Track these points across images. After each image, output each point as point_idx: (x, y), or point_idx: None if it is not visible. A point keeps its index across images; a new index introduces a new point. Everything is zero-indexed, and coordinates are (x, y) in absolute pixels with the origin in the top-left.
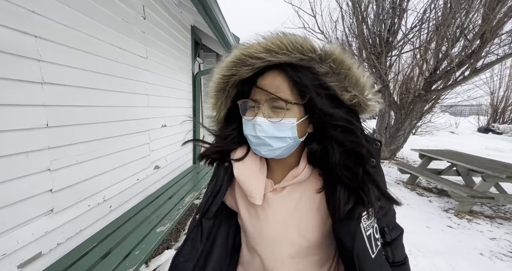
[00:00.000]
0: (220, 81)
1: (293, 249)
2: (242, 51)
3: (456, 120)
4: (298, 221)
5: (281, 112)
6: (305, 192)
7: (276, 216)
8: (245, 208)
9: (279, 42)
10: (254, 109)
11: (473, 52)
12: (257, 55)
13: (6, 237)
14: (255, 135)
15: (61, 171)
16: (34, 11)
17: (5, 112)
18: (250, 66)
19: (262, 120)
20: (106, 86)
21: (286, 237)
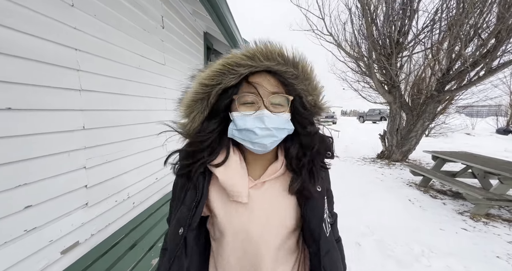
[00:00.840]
0: (201, 91)
1: (277, 239)
2: (225, 61)
3: (473, 121)
4: (279, 212)
5: (279, 107)
6: (281, 185)
7: (260, 211)
8: (223, 210)
9: (261, 50)
10: (251, 106)
11: (488, 52)
12: (242, 62)
13: (53, 226)
14: (264, 127)
15: (94, 169)
16: (76, 27)
17: (50, 116)
18: (235, 74)
19: (269, 113)
20: (131, 92)
21: (271, 229)
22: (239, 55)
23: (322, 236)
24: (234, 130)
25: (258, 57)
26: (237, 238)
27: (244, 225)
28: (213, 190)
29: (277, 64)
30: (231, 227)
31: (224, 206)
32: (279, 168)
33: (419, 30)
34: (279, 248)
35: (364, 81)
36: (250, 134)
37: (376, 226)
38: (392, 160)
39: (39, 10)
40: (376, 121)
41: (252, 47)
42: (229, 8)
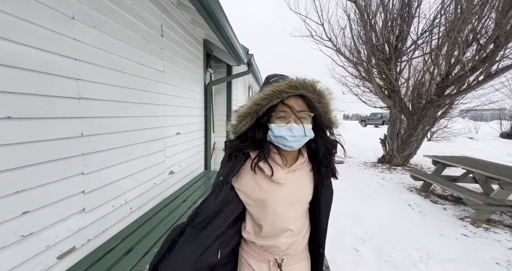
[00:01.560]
0: (255, 107)
1: (300, 204)
2: (275, 88)
3: (476, 125)
4: (302, 188)
5: (304, 120)
6: (304, 172)
7: (292, 187)
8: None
9: (298, 82)
10: (284, 119)
11: (487, 57)
12: (286, 90)
13: (49, 231)
14: (292, 135)
15: (92, 175)
16: (76, 38)
17: (49, 124)
18: (279, 97)
19: (296, 126)
20: (129, 99)
21: (297, 197)
22: (284, 85)
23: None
24: (271, 136)
25: (297, 86)
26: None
27: (282, 198)
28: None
29: (308, 92)
30: (273, 200)
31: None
32: (304, 161)
33: (417, 35)
34: (298, 216)
35: (364, 86)
36: (283, 139)
37: (375, 231)
38: (393, 165)
39: (40, 23)
40: (378, 125)
41: (293, 79)
42: (227, 17)
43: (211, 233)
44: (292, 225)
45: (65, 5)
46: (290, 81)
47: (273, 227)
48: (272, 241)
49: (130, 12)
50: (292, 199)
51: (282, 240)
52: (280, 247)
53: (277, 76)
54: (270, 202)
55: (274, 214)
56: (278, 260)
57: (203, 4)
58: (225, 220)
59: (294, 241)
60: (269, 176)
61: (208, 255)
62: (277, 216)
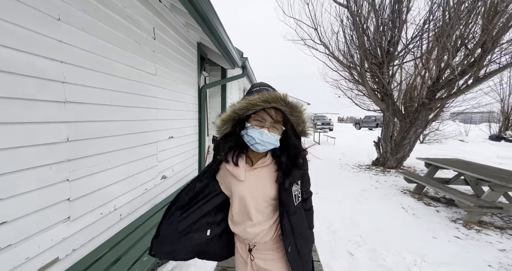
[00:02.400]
0: (233, 115)
1: (262, 202)
2: (250, 101)
3: (466, 128)
4: (262, 185)
5: (275, 130)
6: (266, 171)
7: (252, 184)
8: (234, 184)
9: (270, 97)
10: (261, 124)
11: (475, 61)
12: (259, 103)
13: (30, 242)
14: (261, 139)
15: (78, 181)
16: (62, 40)
17: (33, 129)
18: (254, 109)
19: (267, 132)
20: (119, 102)
21: (259, 195)
22: (257, 99)
23: (290, 204)
24: (245, 134)
25: (269, 100)
26: (240, 199)
27: (243, 192)
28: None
29: (280, 105)
30: (236, 193)
31: (233, 181)
32: (266, 161)
33: (408, 40)
34: (262, 209)
35: (358, 89)
36: (252, 139)
37: (369, 234)
38: (387, 167)
39: (23, 24)
40: (372, 128)
41: (266, 93)
42: (220, 20)
43: (196, 210)
44: (252, 216)
45: (50, 6)
46: (262, 95)
47: (239, 216)
48: (238, 229)
49: (120, 14)
50: (252, 194)
51: (247, 229)
52: (246, 236)
53: (261, 85)
54: (235, 195)
55: (238, 206)
56: (250, 245)
57: (196, 7)
58: (206, 201)
59: (259, 231)
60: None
61: (196, 230)
62: (240, 208)
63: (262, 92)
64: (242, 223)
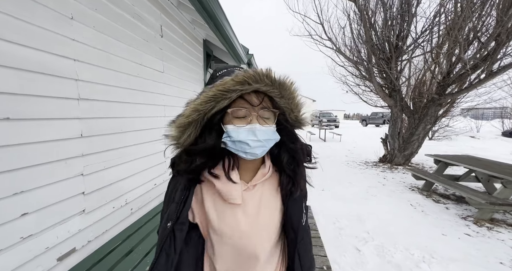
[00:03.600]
0: (194, 116)
1: (268, 233)
2: (218, 88)
3: (478, 124)
4: (269, 209)
5: (268, 120)
6: (269, 186)
7: (252, 209)
8: (217, 211)
9: (250, 75)
10: (244, 120)
11: (488, 55)
12: (233, 88)
13: (49, 233)
14: (256, 139)
15: (92, 176)
16: (75, 39)
17: (48, 125)
18: (227, 98)
19: (260, 126)
20: (129, 99)
21: (262, 225)
22: (230, 82)
23: (300, 226)
24: (228, 141)
25: (248, 81)
26: (235, 238)
27: (238, 224)
28: (207, 195)
29: (265, 85)
30: (226, 227)
31: (218, 208)
32: (267, 171)
33: (417, 34)
34: (269, 241)
35: (365, 85)
36: (243, 145)
37: (377, 231)
38: (395, 164)
39: (38, 23)
40: (379, 125)
41: (241, 72)
42: (227, 17)
43: None
44: (260, 255)
45: (64, 5)
46: (236, 75)
47: (236, 261)
48: None
49: (129, 12)
50: (252, 225)
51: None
52: None
53: (229, 67)
54: (226, 232)
55: (230, 251)
56: None
57: (202, 4)
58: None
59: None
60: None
61: None
62: (234, 253)
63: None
64: None
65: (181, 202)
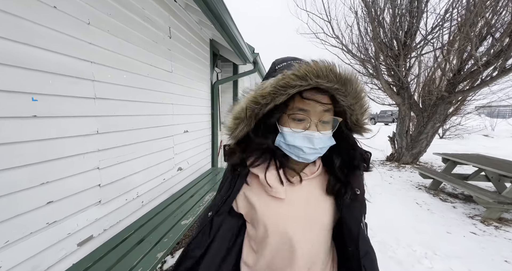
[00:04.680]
0: (251, 108)
1: (313, 234)
2: (277, 83)
3: (492, 122)
4: (316, 208)
5: (327, 126)
6: (318, 184)
7: (298, 206)
8: (260, 204)
9: (312, 69)
10: (302, 124)
11: (502, 51)
12: (293, 83)
13: (70, 220)
14: (312, 147)
15: (107, 170)
16: (91, 42)
17: (69, 123)
18: (286, 94)
19: (318, 134)
20: (140, 98)
21: (308, 223)
22: (290, 76)
23: (360, 236)
24: (282, 142)
25: (309, 76)
26: (278, 229)
27: (281, 218)
28: (252, 187)
29: (328, 82)
30: (271, 219)
31: (262, 201)
32: (316, 170)
33: (427, 31)
34: (313, 243)
35: (372, 83)
36: (298, 150)
37: (380, 228)
38: (402, 163)
39: (60, 29)
40: (388, 123)
41: (302, 66)
42: (232, 17)
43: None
44: (300, 254)
45: (82, 11)
46: (298, 68)
47: (275, 256)
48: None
49: (140, 15)
50: (297, 220)
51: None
52: None
53: (288, 60)
54: (269, 223)
55: (272, 241)
56: None
57: (209, 6)
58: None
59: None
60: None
61: None
62: (276, 244)
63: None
64: (276, 268)
65: (225, 197)
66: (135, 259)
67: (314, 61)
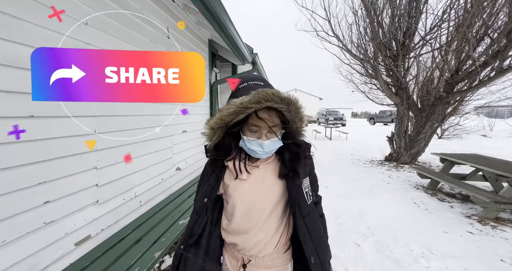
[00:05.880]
0: (220, 123)
1: (268, 203)
2: (238, 106)
3: (491, 122)
4: (270, 184)
5: (274, 135)
6: (271, 168)
7: (256, 183)
8: (234, 185)
9: (262, 95)
10: (256, 135)
11: (499, 52)
12: (250, 105)
13: (67, 220)
14: (262, 151)
15: (104, 169)
16: (89, 43)
17: (66, 122)
18: (245, 113)
19: (267, 142)
20: None
21: (262, 193)
22: (247, 101)
23: (302, 202)
24: (243, 145)
25: (262, 101)
26: (242, 201)
27: (245, 193)
28: (226, 175)
29: (275, 103)
30: (237, 195)
31: (233, 183)
32: (270, 157)
33: (425, 31)
34: (268, 212)
35: (371, 83)
36: (254, 152)
37: (377, 227)
38: (401, 163)
39: (56, 29)
40: (387, 123)
41: (257, 93)
42: (230, 18)
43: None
44: (254, 222)
45: (80, 12)
46: (253, 96)
47: (239, 223)
48: (236, 238)
49: (138, 16)
50: (257, 195)
51: (244, 237)
52: (243, 246)
53: (250, 80)
54: (237, 197)
55: (240, 210)
56: (245, 260)
57: (207, 6)
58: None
59: (262, 238)
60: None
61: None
62: (242, 212)
63: (251, 91)
64: (242, 231)
65: (215, 186)
66: (133, 259)
67: (264, 90)
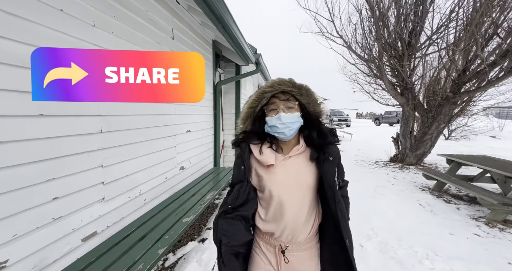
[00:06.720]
0: (249, 111)
1: (299, 189)
2: (258, 91)
3: (501, 123)
4: (300, 173)
5: (291, 109)
6: (302, 158)
7: (288, 173)
8: (268, 176)
9: (275, 81)
10: (275, 112)
11: (508, 51)
12: (267, 90)
13: (75, 216)
14: (281, 122)
15: (110, 168)
16: (96, 44)
17: (74, 121)
18: (264, 97)
19: (283, 114)
20: None
21: (294, 182)
22: (264, 87)
23: (335, 187)
24: (267, 127)
25: (275, 85)
26: (278, 191)
27: (281, 182)
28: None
29: (287, 87)
30: (272, 185)
31: (266, 173)
32: (300, 147)
33: (432, 31)
34: (299, 201)
35: (376, 83)
36: (274, 128)
37: (382, 228)
38: (406, 164)
39: (66, 31)
40: (393, 124)
41: (271, 80)
42: (234, 19)
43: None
44: (290, 210)
45: (87, 14)
46: (268, 81)
47: (273, 212)
48: (273, 227)
49: (143, 17)
50: (289, 184)
51: (281, 225)
52: (280, 233)
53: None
54: (269, 186)
55: (273, 199)
56: (283, 246)
57: (211, 8)
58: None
59: (294, 228)
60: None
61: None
62: (275, 201)
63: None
64: (277, 219)
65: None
66: (137, 255)
67: (277, 77)
